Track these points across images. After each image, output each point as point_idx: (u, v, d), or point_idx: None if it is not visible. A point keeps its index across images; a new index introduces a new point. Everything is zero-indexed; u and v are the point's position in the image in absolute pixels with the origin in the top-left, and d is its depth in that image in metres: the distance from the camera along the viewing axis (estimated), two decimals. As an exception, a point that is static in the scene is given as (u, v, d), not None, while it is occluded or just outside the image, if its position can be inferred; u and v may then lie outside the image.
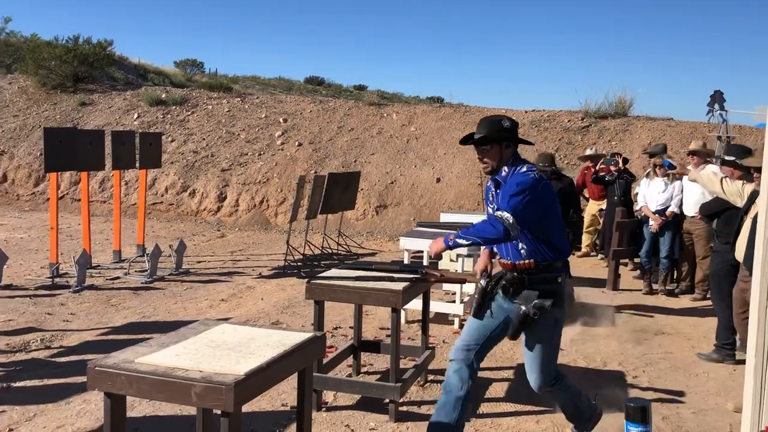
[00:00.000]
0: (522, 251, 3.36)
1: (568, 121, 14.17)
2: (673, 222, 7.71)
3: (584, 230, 10.44)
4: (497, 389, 4.63)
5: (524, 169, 3.35)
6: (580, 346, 5.68)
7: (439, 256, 3.69)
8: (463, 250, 5.98)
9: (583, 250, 10.45)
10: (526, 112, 14.90)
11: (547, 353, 3.39)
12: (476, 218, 7.29)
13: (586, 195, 10.50)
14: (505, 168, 3.38)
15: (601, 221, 10.02)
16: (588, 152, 10.17)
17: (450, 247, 3.41)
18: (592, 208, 10.15)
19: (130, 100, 16.73)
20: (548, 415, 4.19)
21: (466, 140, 3.48)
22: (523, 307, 3.26)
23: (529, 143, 3.77)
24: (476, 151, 3.45)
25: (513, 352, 5.47)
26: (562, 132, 13.80)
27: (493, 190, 3.43)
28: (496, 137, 3.36)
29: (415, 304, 5.05)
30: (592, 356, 5.45)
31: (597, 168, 9.31)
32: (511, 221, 3.19)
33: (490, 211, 3.45)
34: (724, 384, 4.91)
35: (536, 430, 3.98)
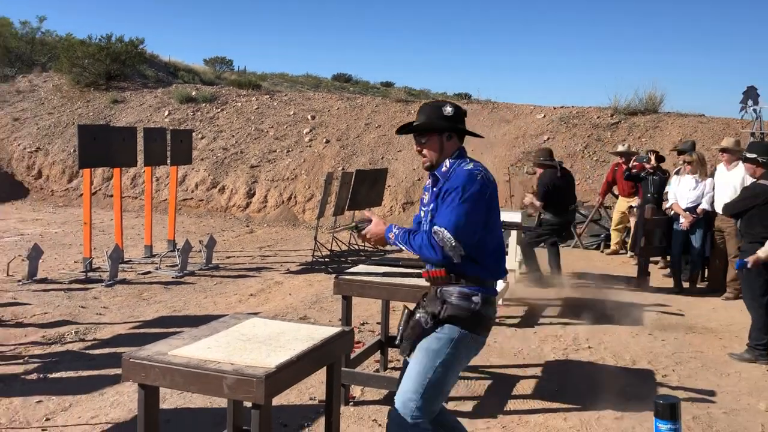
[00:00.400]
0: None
1: (598, 117, 14.03)
2: (704, 220, 7.60)
3: (613, 228, 10.35)
4: (524, 386, 4.63)
5: (469, 166, 2.82)
6: (608, 344, 5.64)
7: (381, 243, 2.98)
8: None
9: (612, 247, 10.35)
10: (554, 108, 14.79)
11: (426, 375, 2.73)
12: (504, 215, 7.26)
13: (616, 192, 10.39)
14: (447, 162, 2.87)
15: (630, 219, 9.93)
16: (620, 148, 10.06)
17: (389, 242, 2.90)
18: (621, 205, 10.05)
19: (161, 97, 16.96)
20: (576, 412, 4.18)
21: (403, 129, 3.02)
22: (418, 314, 2.82)
23: (478, 136, 3.18)
24: (415, 142, 2.98)
25: (540, 349, 5.45)
26: (591, 128, 13.67)
27: (431, 187, 2.91)
28: (436, 126, 2.90)
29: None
30: (621, 354, 5.41)
31: (630, 165, 9.27)
32: (452, 243, 2.69)
33: (423, 215, 2.95)
34: (756, 384, 4.84)
35: (564, 428, 3.97)
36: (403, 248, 2.85)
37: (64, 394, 4.24)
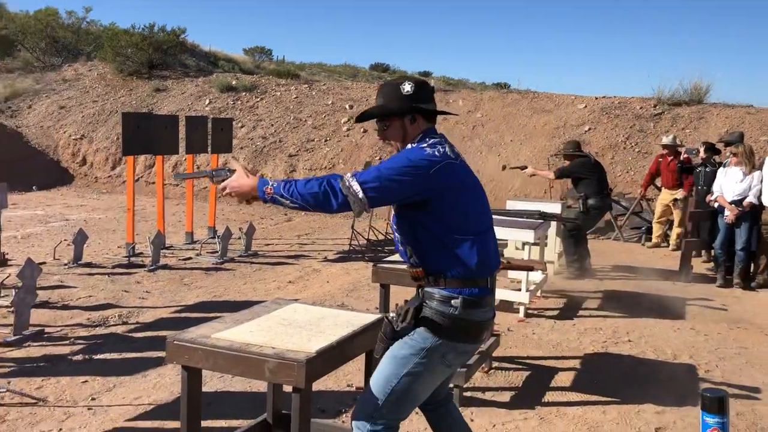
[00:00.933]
0: (408, 252, 2.52)
1: (640, 108, 13.76)
2: (751, 213, 7.41)
3: (655, 220, 10.17)
4: (563, 378, 4.59)
5: (426, 143, 2.48)
6: (648, 338, 5.55)
7: (248, 202, 2.56)
8: (531, 237, 5.92)
9: (654, 240, 10.17)
10: (596, 98, 14.55)
11: (389, 384, 2.43)
12: (543, 206, 7.20)
13: (658, 184, 10.20)
14: (411, 146, 2.52)
15: (674, 211, 9.74)
16: (665, 140, 9.86)
17: (264, 200, 2.42)
18: (664, 197, 9.85)
19: (201, 86, 17.17)
20: (615, 405, 4.13)
21: (362, 117, 2.64)
22: (392, 313, 2.51)
23: (446, 113, 2.85)
24: (377, 130, 2.63)
25: (579, 342, 5.40)
26: (633, 119, 13.42)
27: None
28: (394, 109, 2.55)
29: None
30: (662, 348, 5.32)
31: (682, 158, 9.40)
32: (359, 195, 2.31)
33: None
34: (803, 382, 4.72)
35: (603, 421, 3.93)
36: (286, 202, 2.35)
37: (109, 375, 4.35)
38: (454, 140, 14.17)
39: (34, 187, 13.84)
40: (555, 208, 7.45)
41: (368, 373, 2.86)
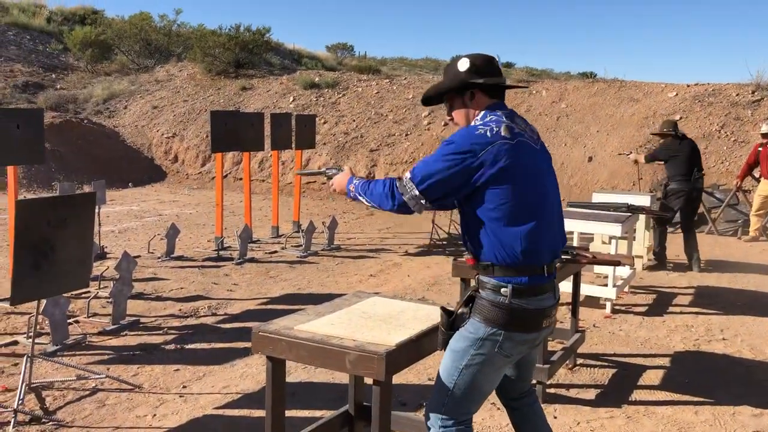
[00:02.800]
0: (467, 241, 2.44)
1: (737, 95, 13.06)
2: None
3: (753, 213, 9.65)
4: (651, 377, 4.43)
5: (480, 122, 2.37)
6: (745, 337, 5.28)
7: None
8: (618, 231, 5.75)
9: (752, 234, 9.65)
10: (688, 86, 13.92)
11: (451, 378, 2.40)
12: (631, 199, 6.97)
13: (756, 175, 9.67)
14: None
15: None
16: (764, 128, 9.33)
17: (349, 197, 2.51)
18: (763, 188, 9.33)
19: (286, 84, 17.55)
20: (708, 406, 3.96)
21: (423, 99, 2.63)
22: (447, 306, 2.47)
23: (510, 86, 2.57)
24: (446, 112, 2.57)
25: (669, 339, 5.20)
26: (728, 107, 12.76)
27: None
28: (448, 85, 2.48)
29: (564, 287, 4.94)
30: (760, 347, 5.05)
31: None
32: (414, 192, 2.29)
33: None
34: None
35: (695, 422, 3.77)
36: (363, 200, 2.44)
37: (199, 364, 4.53)
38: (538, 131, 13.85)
39: (129, 184, 14.55)
40: (644, 200, 7.19)
41: (448, 368, 2.85)
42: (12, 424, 3.53)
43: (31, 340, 4.12)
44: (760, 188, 9.47)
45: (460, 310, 2.39)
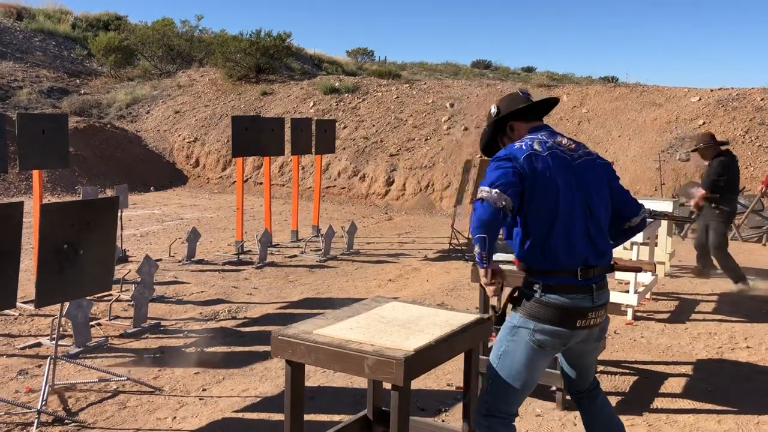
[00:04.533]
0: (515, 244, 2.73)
1: (761, 99, 12.89)
2: None
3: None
4: (673, 384, 4.38)
5: (517, 143, 2.69)
6: (770, 345, 5.21)
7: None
8: (638, 237, 5.69)
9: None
10: (711, 90, 13.77)
11: (493, 364, 2.68)
12: (653, 204, 6.89)
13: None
14: None
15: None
16: None
17: (481, 266, 2.59)
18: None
19: (306, 89, 17.63)
20: (731, 415, 3.90)
21: (486, 150, 2.98)
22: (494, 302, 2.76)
23: (536, 103, 2.82)
24: None
25: (692, 347, 5.14)
26: (753, 112, 12.59)
27: None
28: (489, 133, 2.89)
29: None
30: (785, 356, 4.97)
31: None
32: (494, 194, 2.49)
33: None
34: None
35: (717, 430, 3.72)
36: (477, 247, 2.54)
37: (219, 367, 4.56)
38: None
39: (151, 188, 14.69)
40: (666, 206, 7.12)
41: (468, 373, 2.85)
42: (35, 424, 3.58)
43: (54, 341, 4.18)
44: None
45: (500, 304, 2.68)
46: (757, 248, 9.59)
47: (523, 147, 2.63)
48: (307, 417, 2.79)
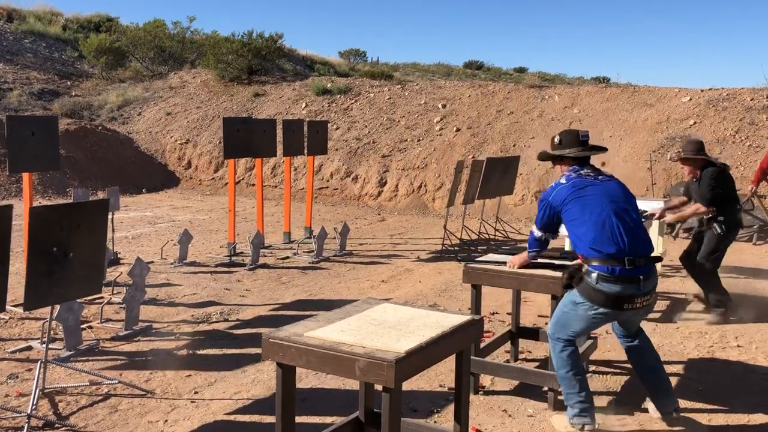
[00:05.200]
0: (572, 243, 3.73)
1: (751, 99, 12.97)
2: None
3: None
4: (664, 384, 4.39)
5: (562, 177, 3.75)
6: (760, 344, 5.23)
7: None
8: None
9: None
10: (702, 90, 13.84)
11: (558, 312, 3.67)
12: (644, 204, 6.91)
13: (771, 179, 9.57)
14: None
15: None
16: None
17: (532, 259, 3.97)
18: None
19: (298, 90, 17.62)
20: (722, 414, 3.92)
21: (543, 158, 4.04)
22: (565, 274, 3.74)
23: (580, 155, 3.80)
24: None
25: (683, 346, 5.16)
26: (743, 111, 12.66)
27: None
28: (544, 157, 3.96)
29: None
30: (775, 355, 4.99)
31: None
32: (536, 233, 3.81)
33: None
34: None
35: (709, 429, 3.73)
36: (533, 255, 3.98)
37: (210, 370, 4.54)
38: (550, 137, 13.81)
39: (143, 190, 14.65)
40: (657, 206, 7.14)
41: (459, 374, 2.85)
42: (26, 429, 3.56)
43: (44, 345, 4.16)
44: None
45: (566, 282, 3.62)
46: (747, 247, 9.64)
47: (555, 184, 3.71)
48: (298, 419, 2.79)
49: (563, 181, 3.69)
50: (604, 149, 4.08)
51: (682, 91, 13.94)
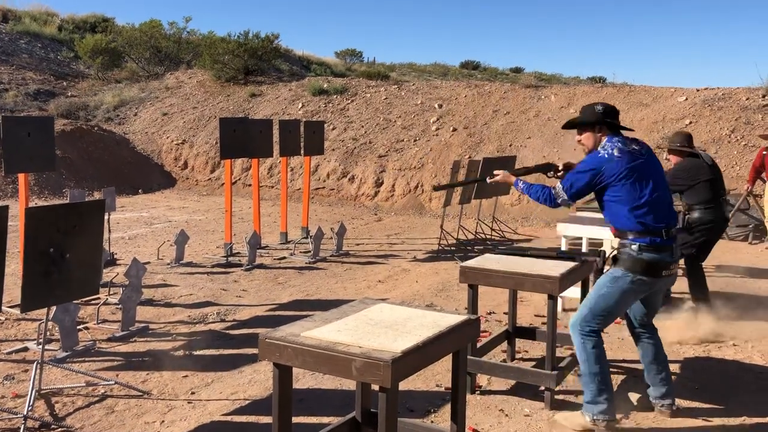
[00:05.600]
0: (607, 217, 3.78)
1: (747, 99, 13.00)
2: None
3: (766, 218, 9.58)
4: (661, 383, 4.40)
5: (602, 149, 3.69)
6: (755, 342, 5.25)
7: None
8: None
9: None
10: (698, 90, 13.87)
11: (593, 297, 3.67)
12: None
13: (765, 177, 9.60)
14: (594, 152, 3.77)
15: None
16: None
17: (517, 188, 4.09)
18: (771, 194, 9.24)
19: (295, 90, 17.61)
20: (718, 413, 3.93)
21: (567, 125, 3.99)
22: (598, 258, 4.01)
23: (628, 129, 3.86)
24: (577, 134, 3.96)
25: (679, 345, 5.17)
26: (738, 111, 12.70)
27: None
28: (589, 120, 3.79)
29: (573, 292, 4.93)
30: (771, 354, 5.01)
31: None
32: (559, 191, 3.74)
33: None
34: None
35: (704, 428, 3.74)
36: (526, 195, 4.05)
37: (207, 370, 4.54)
38: (546, 137, 13.91)
39: (139, 191, 14.63)
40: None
41: (456, 374, 2.86)
42: (22, 430, 3.56)
43: (41, 346, 4.15)
44: (767, 194, 9.41)
45: (604, 263, 3.84)
46: (743, 246, 9.67)
47: (605, 155, 3.62)
48: (295, 419, 2.79)
49: (616, 153, 3.60)
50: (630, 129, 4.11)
51: (677, 91, 13.97)
